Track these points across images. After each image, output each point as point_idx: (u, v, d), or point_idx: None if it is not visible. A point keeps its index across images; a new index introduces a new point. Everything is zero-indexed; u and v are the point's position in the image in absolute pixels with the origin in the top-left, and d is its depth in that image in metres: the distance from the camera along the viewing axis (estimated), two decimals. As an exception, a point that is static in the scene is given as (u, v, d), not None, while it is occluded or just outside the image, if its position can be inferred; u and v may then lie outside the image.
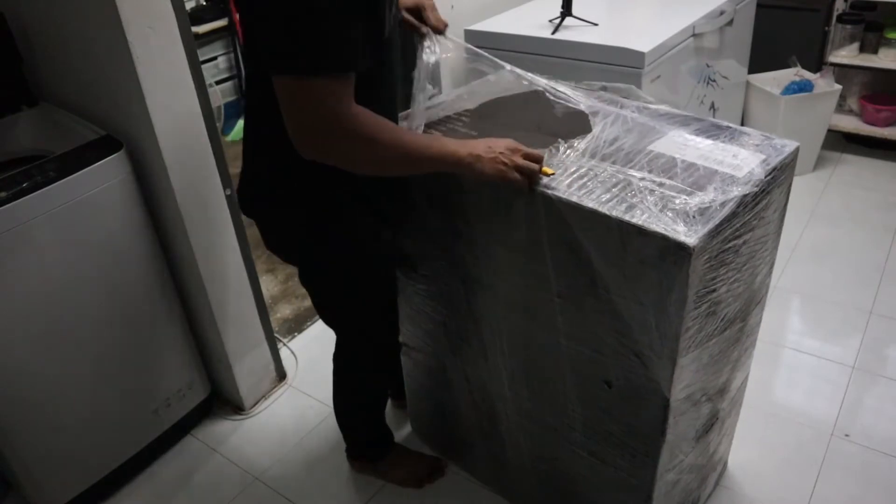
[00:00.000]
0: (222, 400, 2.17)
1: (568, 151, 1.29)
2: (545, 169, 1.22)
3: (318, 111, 1.07)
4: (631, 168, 1.22)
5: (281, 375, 2.24)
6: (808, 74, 3.09)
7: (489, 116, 1.48)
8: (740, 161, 1.22)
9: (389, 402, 2.07)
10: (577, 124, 1.37)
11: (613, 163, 1.25)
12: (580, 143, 1.31)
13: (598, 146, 1.30)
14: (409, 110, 1.42)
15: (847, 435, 1.90)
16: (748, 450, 1.85)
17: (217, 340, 1.99)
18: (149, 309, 1.84)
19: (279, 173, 1.30)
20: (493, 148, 1.20)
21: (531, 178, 1.20)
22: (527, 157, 1.20)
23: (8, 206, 1.49)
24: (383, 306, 1.59)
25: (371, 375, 1.74)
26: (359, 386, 1.74)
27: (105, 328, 1.75)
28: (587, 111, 1.38)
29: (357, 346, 1.64)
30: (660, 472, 1.33)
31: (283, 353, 2.31)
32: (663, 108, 1.44)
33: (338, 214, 1.34)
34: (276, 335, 2.23)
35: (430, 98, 1.44)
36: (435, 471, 1.87)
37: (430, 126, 1.44)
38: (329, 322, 1.59)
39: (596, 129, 1.33)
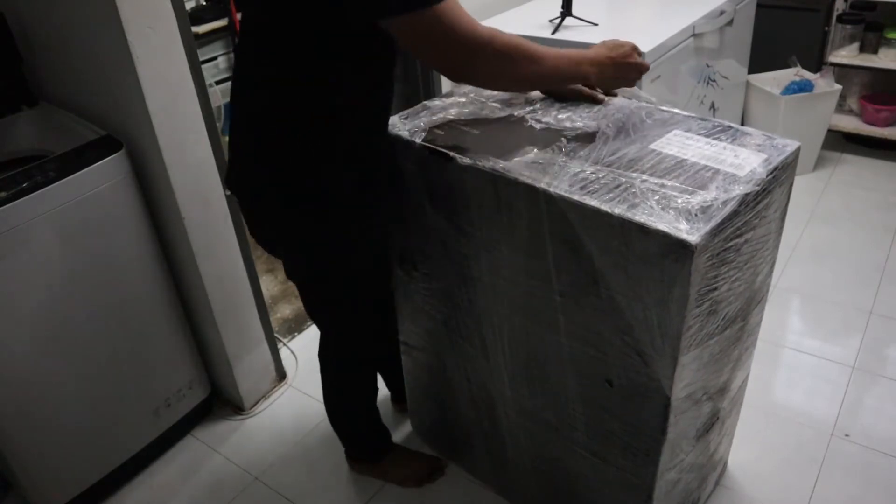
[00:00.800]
0: (222, 400, 2.17)
1: (569, 154, 1.29)
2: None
3: (460, 35, 1.11)
4: (633, 167, 1.22)
5: (281, 375, 2.24)
6: (808, 74, 3.09)
7: (490, 115, 1.48)
8: (742, 160, 1.22)
9: (390, 403, 2.07)
10: (580, 121, 1.37)
11: (615, 162, 1.25)
12: (582, 144, 1.31)
13: (599, 146, 1.30)
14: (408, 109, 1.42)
15: (847, 435, 1.90)
16: (748, 450, 1.85)
17: (217, 340, 1.99)
18: (149, 309, 1.84)
19: (280, 174, 1.30)
20: (616, 59, 1.35)
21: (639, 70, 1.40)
22: (638, 67, 1.38)
23: (8, 206, 1.49)
24: (369, 306, 1.58)
25: (354, 372, 1.71)
26: (344, 383, 1.73)
27: (105, 328, 1.75)
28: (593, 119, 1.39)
29: (339, 342, 1.63)
30: (660, 471, 1.33)
31: (283, 353, 2.31)
32: (664, 108, 1.44)
33: (333, 214, 1.34)
34: (276, 335, 2.23)
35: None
36: (435, 470, 1.87)
37: (427, 123, 1.44)
38: (312, 315, 1.59)
39: (598, 130, 1.33)
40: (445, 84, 1.58)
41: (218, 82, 3.95)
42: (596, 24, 2.27)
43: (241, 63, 1.33)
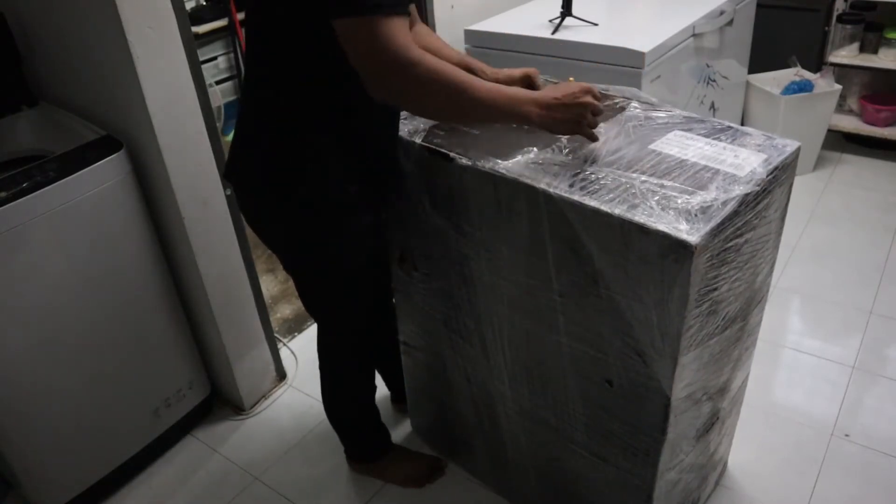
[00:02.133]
0: (222, 400, 2.17)
1: (569, 154, 1.29)
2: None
3: (388, 48, 1.09)
4: (633, 168, 1.22)
5: (281, 375, 2.24)
6: (808, 74, 3.09)
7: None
8: (742, 161, 1.22)
9: (390, 403, 2.07)
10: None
11: (615, 162, 1.25)
12: (581, 144, 1.31)
13: (599, 146, 1.30)
14: None
15: (847, 435, 1.90)
16: (748, 450, 1.85)
17: (217, 340, 1.99)
18: (149, 309, 1.84)
19: (277, 169, 1.32)
20: (565, 102, 1.23)
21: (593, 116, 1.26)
22: (595, 111, 1.26)
23: (8, 206, 1.49)
24: (363, 303, 1.58)
25: (349, 366, 1.72)
26: (339, 376, 1.73)
27: (105, 328, 1.75)
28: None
29: (332, 335, 1.64)
30: (660, 471, 1.33)
31: (283, 353, 2.31)
32: (665, 108, 1.44)
33: (329, 211, 1.35)
34: (276, 335, 2.23)
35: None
36: (435, 470, 1.87)
37: (427, 123, 1.44)
38: (307, 307, 1.59)
39: (598, 131, 1.33)
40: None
41: (218, 82, 3.95)
42: (596, 24, 2.27)
43: (247, 61, 1.36)
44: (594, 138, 1.28)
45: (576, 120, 1.23)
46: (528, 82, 1.46)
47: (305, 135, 1.28)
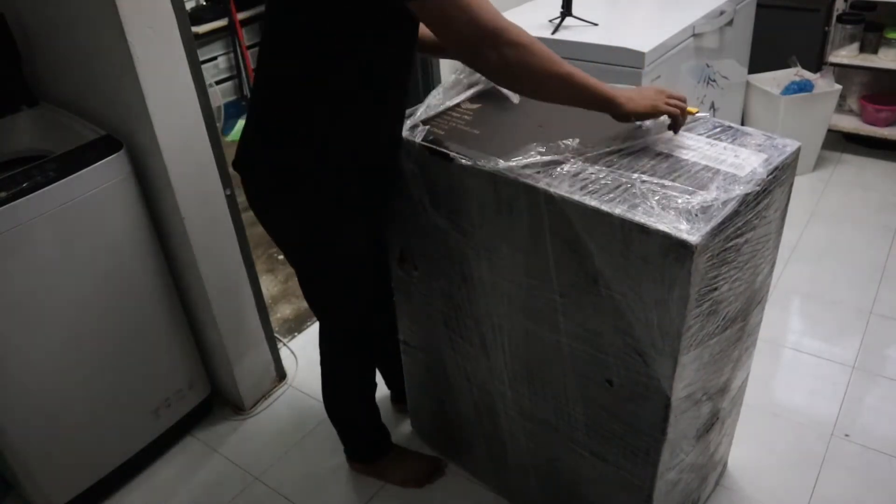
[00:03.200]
0: (222, 400, 2.17)
1: (569, 154, 1.29)
2: (690, 108, 1.31)
3: (474, 15, 1.10)
4: (633, 167, 1.22)
5: (281, 375, 2.24)
6: (808, 74, 3.09)
7: (490, 116, 1.48)
8: (742, 160, 1.22)
9: (390, 404, 2.07)
10: (580, 122, 1.36)
11: (615, 162, 1.25)
12: (583, 145, 1.31)
13: (600, 146, 1.30)
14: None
15: (847, 435, 1.90)
16: (748, 450, 1.85)
17: (217, 340, 1.99)
18: (149, 309, 1.84)
19: (284, 158, 1.33)
20: (641, 91, 1.27)
21: (682, 111, 1.27)
22: (671, 95, 1.28)
23: (8, 206, 1.49)
24: (362, 299, 1.58)
25: (351, 365, 1.71)
26: (340, 372, 1.72)
27: (105, 328, 1.75)
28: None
29: (337, 332, 1.64)
30: (660, 471, 1.33)
31: (283, 353, 2.31)
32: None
33: (330, 205, 1.36)
34: (276, 335, 2.23)
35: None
36: (435, 470, 1.87)
37: (428, 122, 1.44)
38: (308, 300, 1.59)
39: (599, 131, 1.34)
40: (445, 84, 1.58)
41: (218, 82, 3.96)
42: (596, 24, 2.27)
43: (263, 55, 1.34)
44: (675, 113, 1.27)
45: (655, 98, 1.25)
46: None
47: (321, 128, 1.29)
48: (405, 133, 1.41)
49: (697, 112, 1.32)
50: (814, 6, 3.08)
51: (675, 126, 1.28)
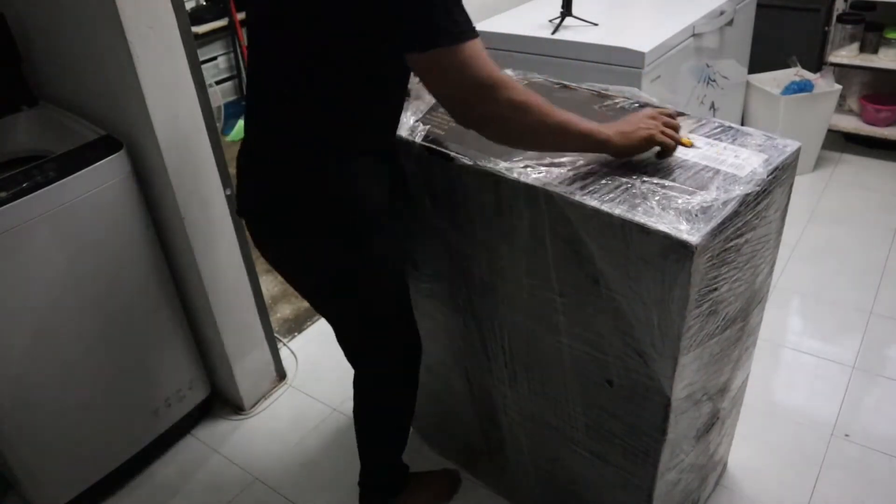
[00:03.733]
0: (222, 400, 2.17)
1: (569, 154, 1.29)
2: (684, 140, 1.27)
3: (479, 74, 1.08)
4: (633, 168, 1.22)
5: (281, 375, 2.24)
6: (808, 74, 3.09)
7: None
8: (742, 161, 1.22)
9: None
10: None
11: (615, 162, 1.25)
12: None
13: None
14: None
15: (847, 435, 1.90)
16: (748, 450, 1.85)
17: (217, 340, 1.99)
18: (149, 309, 1.84)
19: (307, 194, 1.26)
20: (634, 122, 1.23)
21: (675, 141, 1.24)
22: (666, 124, 1.24)
23: (8, 206, 1.49)
24: (405, 311, 1.50)
25: (407, 389, 1.59)
26: (397, 407, 1.60)
27: (105, 328, 1.75)
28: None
29: (396, 350, 1.52)
30: (660, 471, 1.33)
31: (283, 353, 2.31)
32: (665, 108, 1.44)
33: (365, 230, 1.29)
34: (276, 335, 2.23)
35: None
36: (455, 482, 1.83)
37: (428, 121, 1.44)
38: (358, 344, 1.50)
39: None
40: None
41: (218, 82, 3.96)
42: (596, 24, 2.27)
43: (259, 82, 1.28)
44: (670, 145, 1.23)
45: (651, 129, 1.22)
46: None
47: (347, 152, 1.24)
48: (405, 134, 1.41)
49: (691, 146, 1.27)
50: (814, 6, 3.08)
51: (664, 155, 1.24)
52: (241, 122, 3.75)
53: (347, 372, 1.57)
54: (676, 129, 1.26)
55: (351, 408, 1.61)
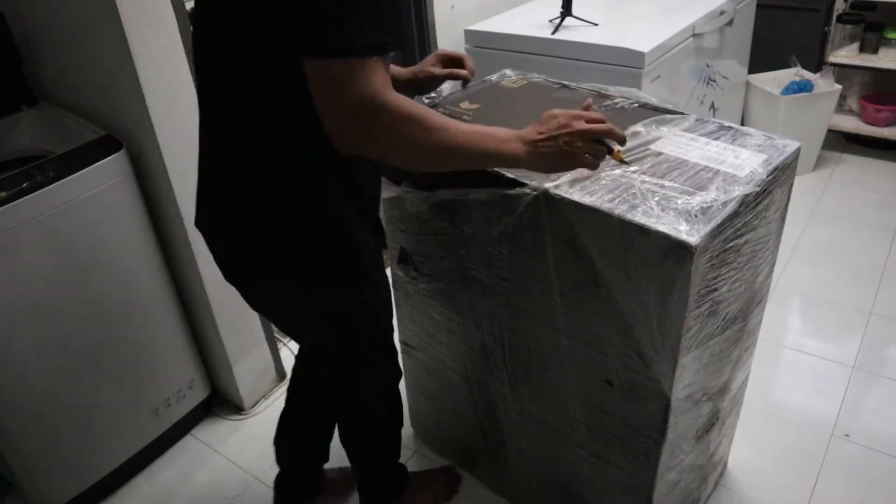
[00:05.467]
0: (222, 400, 2.17)
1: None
2: (618, 154, 1.15)
3: (362, 93, 0.97)
4: (634, 168, 1.22)
5: (281, 375, 2.23)
6: (808, 74, 3.09)
7: (489, 116, 1.48)
8: (742, 161, 1.22)
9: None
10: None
11: (615, 162, 1.25)
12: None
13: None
14: None
15: (847, 435, 1.90)
16: (748, 450, 1.85)
17: (217, 340, 1.99)
18: (149, 309, 1.84)
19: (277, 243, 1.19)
20: (551, 126, 1.11)
21: (600, 158, 1.14)
22: (593, 133, 1.11)
23: (8, 205, 1.49)
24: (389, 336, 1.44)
25: (397, 401, 1.55)
26: (391, 419, 1.56)
27: (105, 328, 1.75)
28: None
29: (379, 374, 1.47)
30: (660, 471, 1.33)
31: (283, 353, 2.31)
32: (666, 108, 1.44)
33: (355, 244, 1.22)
34: (276, 335, 2.23)
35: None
36: (455, 478, 1.83)
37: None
38: (348, 367, 1.40)
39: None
40: (445, 84, 1.58)
41: (218, 82, 3.96)
42: (596, 24, 2.27)
43: (208, 122, 1.23)
44: (594, 167, 1.14)
45: (568, 152, 1.10)
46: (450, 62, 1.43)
47: (322, 188, 1.16)
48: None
49: (623, 160, 1.16)
50: (814, 6, 3.08)
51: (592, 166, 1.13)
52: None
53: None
54: (603, 133, 1.13)
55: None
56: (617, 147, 1.16)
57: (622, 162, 1.18)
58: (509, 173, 1.23)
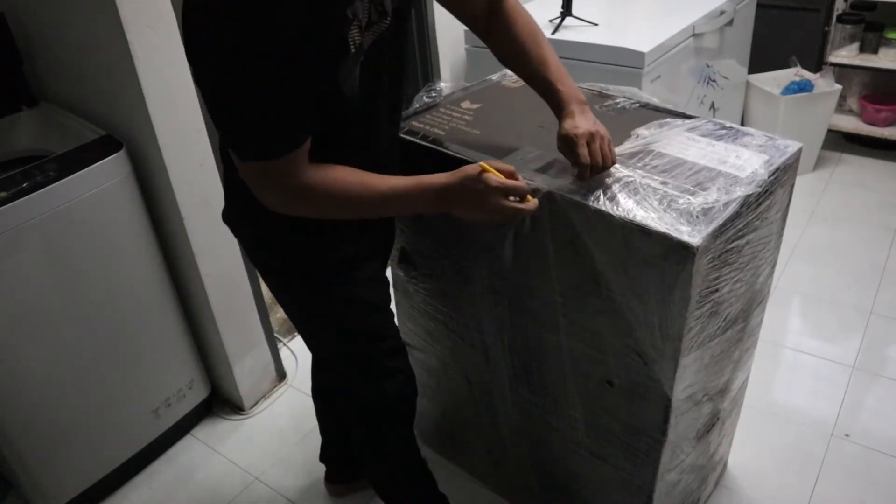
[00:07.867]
0: (222, 400, 2.17)
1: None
2: (529, 201, 1.13)
3: (273, 188, 1.07)
4: (634, 168, 1.22)
5: (281, 375, 2.23)
6: (808, 74, 3.09)
7: (490, 115, 1.48)
8: (743, 161, 1.22)
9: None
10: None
11: (617, 164, 1.24)
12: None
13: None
14: None
15: (847, 435, 1.90)
16: (748, 450, 1.85)
17: (217, 340, 1.99)
18: (149, 309, 1.84)
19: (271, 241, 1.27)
20: (458, 185, 1.10)
21: (519, 213, 1.13)
22: (507, 191, 1.10)
23: (8, 205, 1.49)
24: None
25: (410, 422, 1.48)
26: (404, 439, 1.49)
27: (105, 328, 1.75)
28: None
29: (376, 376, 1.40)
30: (661, 472, 1.33)
31: (283, 352, 2.31)
32: (666, 108, 1.44)
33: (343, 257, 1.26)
34: (276, 335, 2.23)
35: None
36: None
37: (430, 125, 1.44)
38: (338, 364, 1.42)
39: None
40: (446, 84, 1.58)
41: (217, 81, 3.96)
42: (596, 24, 2.27)
43: None
44: (512, 222, 1.17)
45: (486, 209, 1.09)
46: None
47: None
48: (406, 134, 1.40)
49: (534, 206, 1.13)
50: (814, 6, 3.08)
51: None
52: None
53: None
54: (516, 191, 1.11)
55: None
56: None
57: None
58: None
